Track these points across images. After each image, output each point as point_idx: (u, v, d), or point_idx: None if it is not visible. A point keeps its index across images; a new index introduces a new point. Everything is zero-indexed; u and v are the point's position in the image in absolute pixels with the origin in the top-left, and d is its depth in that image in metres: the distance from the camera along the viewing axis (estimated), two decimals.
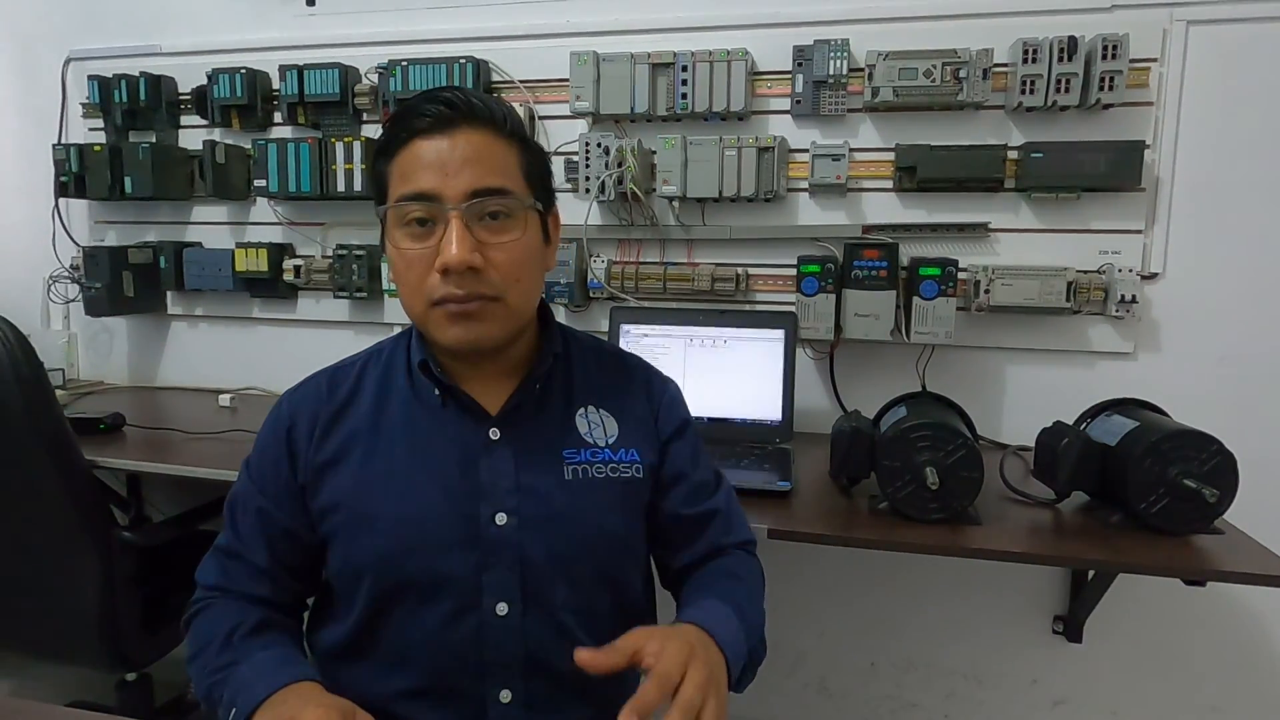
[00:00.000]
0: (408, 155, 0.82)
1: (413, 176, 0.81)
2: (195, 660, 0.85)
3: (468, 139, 0.81)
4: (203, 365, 2.12)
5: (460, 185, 0.80)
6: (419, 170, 0.81)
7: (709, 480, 0.98)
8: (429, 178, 0.80)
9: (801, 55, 1.63)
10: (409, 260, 0.82)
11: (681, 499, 0.94)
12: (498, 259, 0.82)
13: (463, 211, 0.80)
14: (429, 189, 0.80)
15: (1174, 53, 1.52)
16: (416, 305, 0.84)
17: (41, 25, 2.12)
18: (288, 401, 0.92)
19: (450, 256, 0.79)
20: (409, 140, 0.82)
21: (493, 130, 0.83)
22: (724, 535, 0.96)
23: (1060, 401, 1.45)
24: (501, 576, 0.84)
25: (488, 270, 0.81)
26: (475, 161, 0.81)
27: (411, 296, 0.84)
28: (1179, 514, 1.15)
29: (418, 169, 0.81)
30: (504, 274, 0.82)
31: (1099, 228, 1.58)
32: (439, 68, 1.77)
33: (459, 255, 0.79)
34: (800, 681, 1.87)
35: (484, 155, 0.82)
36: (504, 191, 0.82)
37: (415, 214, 0.81)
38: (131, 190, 1.92)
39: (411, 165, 0.82)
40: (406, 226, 0.82)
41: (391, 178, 0.84)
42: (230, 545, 0.90)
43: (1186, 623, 1.66)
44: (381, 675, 0.87)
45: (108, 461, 1.48)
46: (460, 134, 0.81)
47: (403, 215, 0.82)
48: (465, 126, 0.82)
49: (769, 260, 1.73)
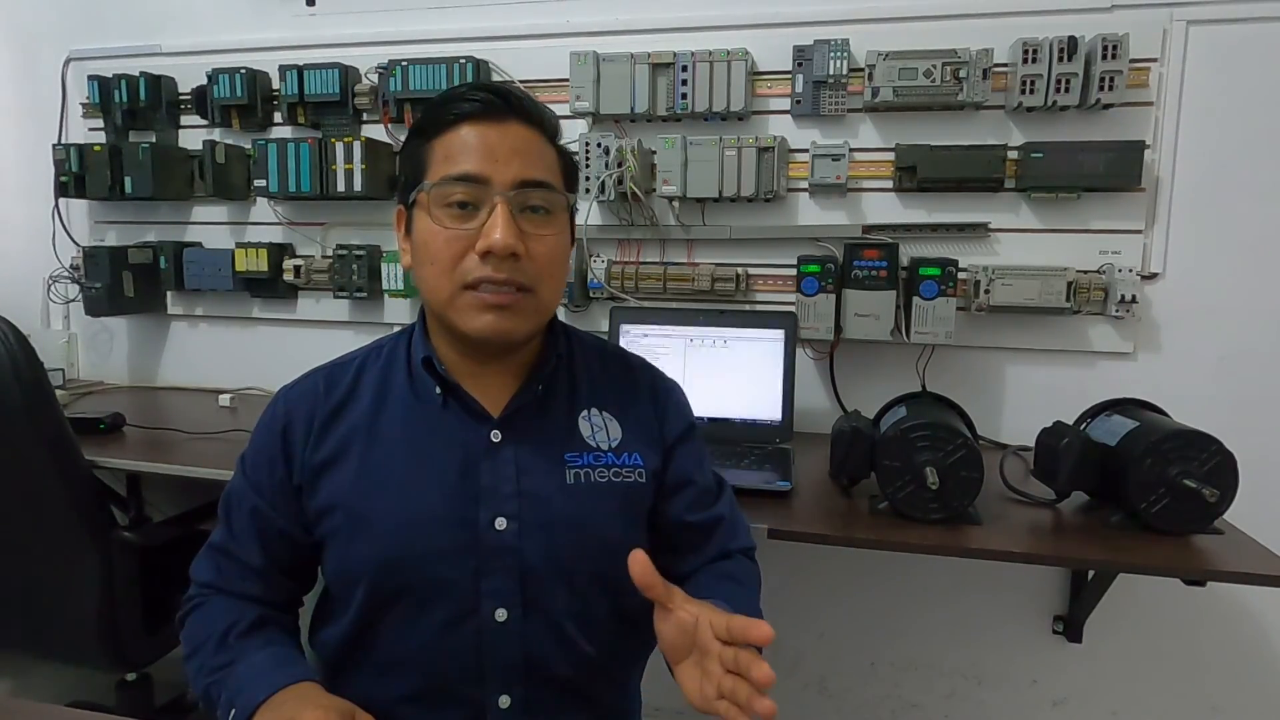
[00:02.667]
0: (454, 138, 0.82)
1: (460, 159, 0.81)
2: (191, 659, 0.84)
3: (517, 132, 0.83)
4: (203, 365, 2.12)
5: (509, 173, 0.81)
6: (468, 153, 0.81)
7: (712, 486, 0.97)
8: (478, 161, 0.81)
9: (801, 55, 1.63)
10: (445, 240, 0.81)
11: (686, 505, 0.93)
12: (537, 251, 0.82)
13: (510, 198, 0.80)
14: (478, 172, 0.80)
15: (1174, 53, 1.52)
16: (445, 288, 0.82)
17: (41, 25, 2.12)
18: (284, 399, 0.91)
19: (495, 240, 0.79)
20: (456, 123, 0.82)
21: (538, 128, 0.85)
22: (729, 542, 0.95)
23: (1060, 401, 1.45)
24: (500, 582, 0.83)
25: (526, 260, 0.81)
26: (524, 154, 0.82)
27: (441, 278, 0.82)
28: (1179, 514, 1.15)
29: (466, 151, 0.81)
30: (540, 267, 0.82)
31: (1099, 228, 1.58)
32: (439, 68, 1.77)
33: (504, 239, 0.79)
34: (800, 682, 1.87)
35: (532, 150, 0.83)
36: (549, 186, 0.83)
37: (458, 196, 0.81)
38: (131, 190, 1.92)
39: (459, 148, 0.82)
40: (446, 208, 0.82)
41: (434, 158, 0.83)
42: (224, 543, 0.89)
43: (1186, 623, 1.66)
44: (380, 679, 0.86)
45: (108, 461, 1.48)
46: (510, 126, 0.82)
47: (445, 196, 0.81)
48: (514, 120, 0.83)
49: (769, 260, 1.73)
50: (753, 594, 0.92)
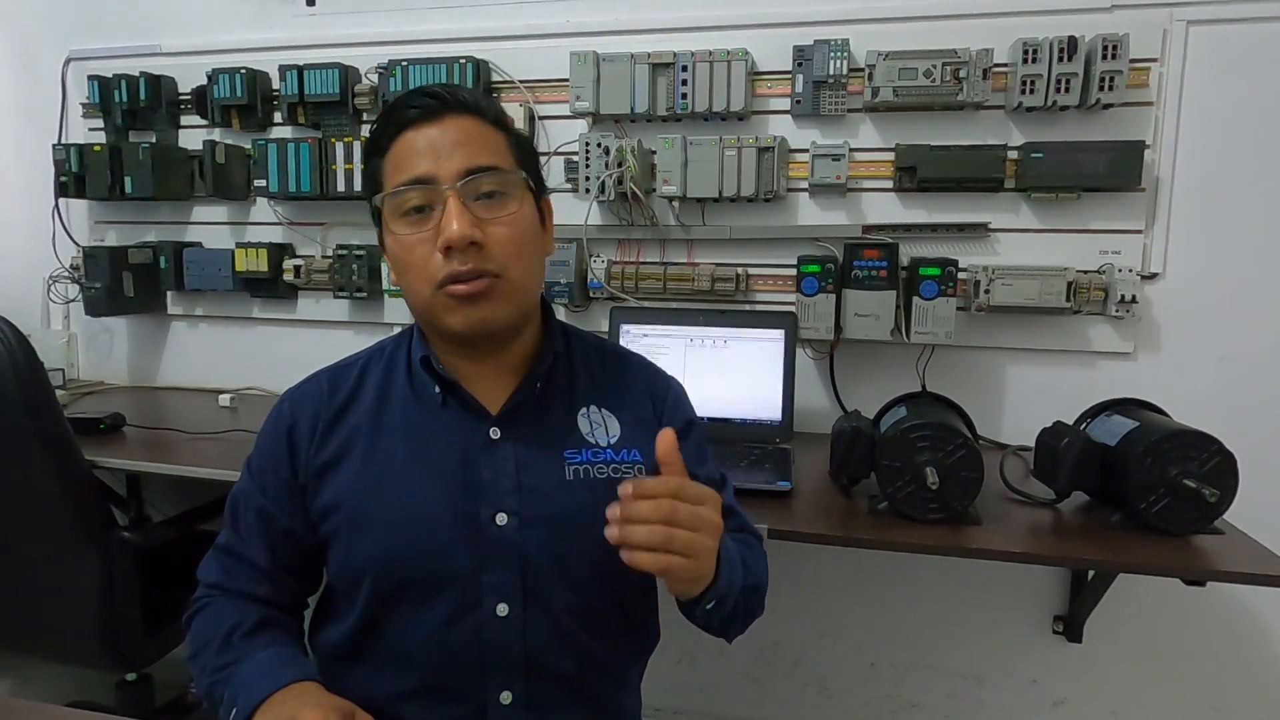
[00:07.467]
0: (400, 146, 0.84)
1: (406, 165, 0.83)
2: (196, 659, 0.85)
3: (456, 124, 0.83)
4: (203, 365, 2.12)
5: (453, 165, 0.82)
6: (411, 157, 0.83)
7: (715, 479, 0.97)
8: (422, 163, 0.82)
9: (801, 55, 1.63)
10: (409, 246, 0.83)
11: None
12: (497, 234, 0.82)
13: (458, 190, 0.81)
14: (423, 173, 0.82)
15: (1174, 53, 1.52)
16: (422, 291, 0.84)
17: (41, 25, 2.12)
18: (289, 401, 0.92)
19: (452, 232, 0.79)
20: (399, 133, 0.84)
21: (479, 117, 0.85)
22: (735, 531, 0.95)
23: (1060, 401, 1.45)
24: (502, 577, 0.84)
25: (488, 246, 0.82)
26: (466, 144, 0.83)
27: (416, 283, 0.84)
28: (1179, 514, 1.15)
29: (410, 156, 0.83)
30: (504, 249, 0.83)
31: (1099, 228, 1.58)
32: (439, 68, 1.77)
33: (459, 230, 0.79)
34: (800, 681, 1.87)
35: (474, 138, 0.84)
36: (496, 169, 0.84)
37: (413, 201, 0.82)
38: (131, 190, 1.92)
39: (405, 154, 0.83)
40: (404, 216, 0.83)
41: (385, 172, 0.85)
42: (230, 544, 0.91)
43: (1186, 623, 1.66)
44: (382, 676, 0.86)
45: (108, 461, 1.48)
46: (448, 121, 0.83)
47: (400, 205, 0.83)
48: (452, 115, 0.84)
49: (769, 260, 1.73)
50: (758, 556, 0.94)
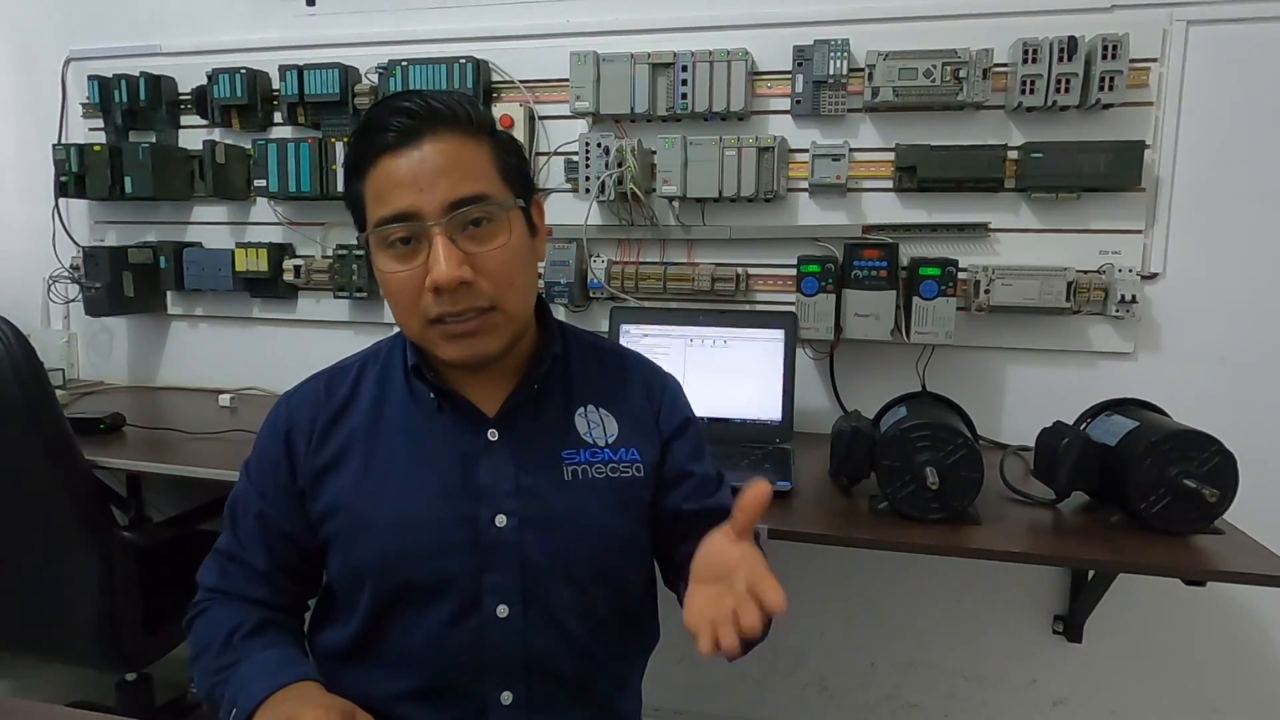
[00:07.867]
0: (378, 175, 0.80)
1: (388, 197, 0.79)
2: (197, 661, 0.85)
3: (435, 147, 0.79)
4: (203, 365, 2.12)
5: (438, 199, 0.78)
6: (393, 190, 0.79)
7: (713, 476, 0.97)
8: (405, 196, 0.78)
9: (801, 55, 1.63)
10: (399, 283, 0.81)
11: (684, 496, 0.94)
12: (488, 267, 0.80)
13: (445, 226, 0.78)
14: (407, 208, 0.78)
15: (1174, 53, 1.52)
16: (413, 325, 0.83)
17: (41, 25, 2.12)
18: (285, 405, 0.92)
19: (440, 274, 0.77)
20: (377, 159, 0.80)
21: (459, 131, 0.80)
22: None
23: (1060, 401, 1.44)
24: (502, 578, 0.84)
25: (479, 281, 0.79)
26: (448, 170, 0.78)
27: (406, 318, 0.83)
28: (1179, 514, 1.15)
29: (391, 188, 0.79)
30: (496, 282, 0.80)
31: (1099, 228, 1.58)
32: (439, 68, 1.77)
33: (449, 273, 0.77)
34: (799, 681, 1.87)
35: (456, 162, 0.79)
36: (483, 198, 0.80)
37: (397, 234, 0.80)
38: (131, 190, 1.92)
39: (384, 185, 0.79)
40: (390, 249, 0.80)
41: (367, 200, 0.82)
42: (230, 548, 0.91)
43: (1186, 623, 1.66)
44: (382, 677, 0.86)
45: (108, 461, 1.48)
46: (427, 143, 0.79)
47: (385, 238, 0.80)
48: (430, 134, 0.79)
49: (769, 260, 1.73)
50: None
